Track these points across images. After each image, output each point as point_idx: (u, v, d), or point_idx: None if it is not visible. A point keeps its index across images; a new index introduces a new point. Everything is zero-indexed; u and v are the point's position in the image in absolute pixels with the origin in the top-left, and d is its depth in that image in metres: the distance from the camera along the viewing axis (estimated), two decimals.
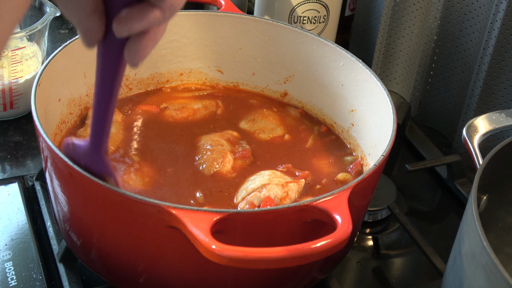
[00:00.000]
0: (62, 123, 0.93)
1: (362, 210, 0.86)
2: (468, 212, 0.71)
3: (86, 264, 0.85)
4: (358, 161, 0.95)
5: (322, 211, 0.72)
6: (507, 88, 1.09)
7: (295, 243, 0.68)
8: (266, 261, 0.67)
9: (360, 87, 0.97)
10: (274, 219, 0.73)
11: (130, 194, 0.71)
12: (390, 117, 0.87)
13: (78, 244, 0.83)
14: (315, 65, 1.02)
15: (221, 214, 0.69)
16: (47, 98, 0.88)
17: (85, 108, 0.97)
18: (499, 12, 1.04)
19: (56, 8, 1.13)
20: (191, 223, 0.68)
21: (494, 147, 0.78)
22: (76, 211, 0.80)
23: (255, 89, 1.08)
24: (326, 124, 1.03)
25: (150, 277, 0.79)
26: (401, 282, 0.98)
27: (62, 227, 0.86)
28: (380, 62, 1.32)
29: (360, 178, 0.77)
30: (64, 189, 0.79)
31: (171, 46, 1.05)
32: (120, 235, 0.77)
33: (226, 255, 0.66)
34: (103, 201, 0.75)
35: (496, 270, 0.64)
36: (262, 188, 0.86)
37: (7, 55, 1.09)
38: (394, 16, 1.25)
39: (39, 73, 0.85)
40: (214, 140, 0.95)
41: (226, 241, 0.67)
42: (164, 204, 0.70)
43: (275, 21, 1.03)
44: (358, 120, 0.98)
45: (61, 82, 0.91)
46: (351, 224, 0.70)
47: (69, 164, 0.73)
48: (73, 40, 0.92)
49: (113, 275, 0.82)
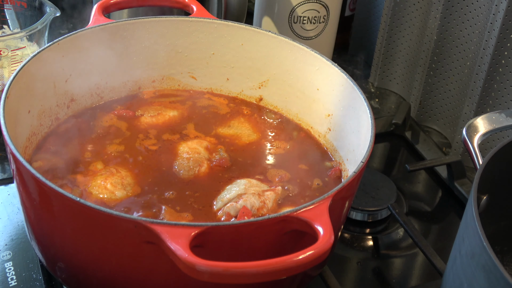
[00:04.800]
0: (33, 135, 0.91)
1: (342, 218, 0.85)
2: (468, 212, 0.71)
3: (61, 280, 0.83)
4: (337, 167, 0.94)
5: (303, 222, 0.71)
6: (507, 88, 1.09)
7: (276, 254, 0.66)
8: (247, 275, 0.65)
9: (337, 92, 0.95)
10: (254, 231, 0.71)
11: (105, 209, 0.69)
12: (368, 122, 0.86)
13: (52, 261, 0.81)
14: (290, 69, 1.01)
15: (199, 228, 0.68)
16: (16, 110, 0.85)
17: (55, 119, 0.95)
18: (499, 12, 1.04)
19: (56, 8, 1.12)
20: (169, 238, 0.67)
21: (494, 147, 0.78)
22: (48, 227, 0.78)
23: (230, 94, 1.07)
24: (302, 128, 1.02)
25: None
26: (401, 282, 0.97)
27: (34, 242, 0.83)
28: (380, 62, 1.32)
29: (340, 186, 0.75)
30: (36, 205, 0.77)
31: (142, 53, 1.03)
32: (96, 252, 0.75)
33: (206, 270, 0.64)
34: (76, 217, 0.73)
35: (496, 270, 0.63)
36: (238, 198, 0.85)
37: (7, 55, 1.08)
38: (394, 16, 1.25)
39: (7, 86, 0.83)
40: (191, 148, 0.94)
41: (206, 255, 0.65)
42: (141, 219, 0.68)
43: (248, 26, 1.02)
44: (335, 124, 0.97)
45: (31, 93, 0.89)
46: (333, 235, 0.69)
47: (40, 179, 0.71)
48: (41, 50, 0.89)
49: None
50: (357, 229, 1.05)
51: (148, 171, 0.90)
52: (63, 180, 0.86)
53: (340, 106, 0.95)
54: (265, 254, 0.67)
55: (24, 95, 0.87)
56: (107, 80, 1.02)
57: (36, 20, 1.11)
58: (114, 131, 0.97)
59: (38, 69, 0.89)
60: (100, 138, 0.95)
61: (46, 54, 0.90)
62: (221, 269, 0.64)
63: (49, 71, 0.91)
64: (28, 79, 0.88)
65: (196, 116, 1.03)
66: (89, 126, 0.97)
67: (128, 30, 1.00)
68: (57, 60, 0.93)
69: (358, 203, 1.04)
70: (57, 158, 0.90)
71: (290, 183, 0.91)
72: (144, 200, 0.85)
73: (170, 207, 0.85)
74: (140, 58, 1.03)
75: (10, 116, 0.81)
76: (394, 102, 1.32)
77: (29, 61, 0.87)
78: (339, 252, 1.01)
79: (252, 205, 0.84)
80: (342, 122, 0.95)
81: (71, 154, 0.91)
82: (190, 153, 0.93)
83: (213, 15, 1.08)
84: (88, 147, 0.93)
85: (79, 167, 0.89)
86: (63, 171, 0.88)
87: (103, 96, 1.02)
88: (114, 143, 0.95)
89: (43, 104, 0.93)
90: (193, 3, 1.06)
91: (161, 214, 0.83)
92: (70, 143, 0.93)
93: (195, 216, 0.84)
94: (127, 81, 1.04)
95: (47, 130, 0.94)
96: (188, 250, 0.65)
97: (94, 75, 1.00)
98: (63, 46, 0.93)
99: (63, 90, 0.96)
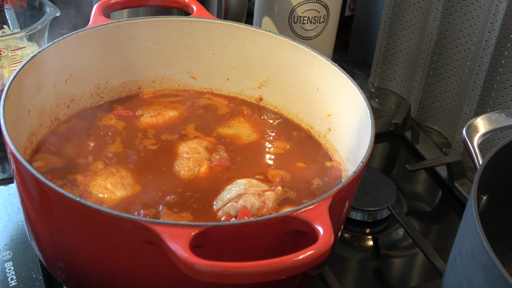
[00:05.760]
0: (33, 135, 0.91)
1: (342, 218, 0.85)
2: (468, 212, 0.71)
3: (61, 280, 0.82)
4: (337, 167, 0.94)
5: (303, 222, 0.70)
6: (507, 88, 1.09)
7: (276, 254, 0.66)
8: (247, 275, 0.65)
9: (337, 91, 0.95)
10: (254, 231, 0.71)
11: (105, 209, 0.69)
12: (368, 122, 0.86)
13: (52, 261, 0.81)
14: (290, 69, 1.01)
15: (199, 228, 0.68)
16: (16, 110, 0.85)
17: (55, 119, 0.95)
18: (499, 12, 1.04)
19: (56, 8, 1.12)
20: (169, 238, 0.66)
21: (494, 147, 0.78)
22: (48, 227, 0.78)
23: (230, 94, 1.07)
24: (302, 128, 1.02)
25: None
26: (401, 282, 0.97)
27: (34, 242, 0.83)
28: (380, 62, 1.32)
29: (340, 186, 0.75)
30: (36, 205, 0.76)
31: (142, 53, 1.03)
32: (96, 252, 0.75)
33: (206, 270, 0.64)
34: (76, 217, 0.73)
35: (496, 270, 0.63)
36: (238, 198, 0.84)
37: (7, 55, 1.08)
38: (394, 16, 1.25)
39: (7, 86, 0.83)
40: (191, 148, 0.94)
41: (206, 255, 0.65)
42: (141, 219, 0.68)
43: (248, 26, 1.02)
44: (335, 124, 0.97)
45: (31, 93, 0.89)
46: (333, 235, 0.68)
47: (40, 179, 0.71)
48: (41, 50, 0.89)
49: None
50: (357, 229, 1.05)
51: (148, 171, 0.90)
52: (63, 180, 0.86)
53: (340, 106, 0.95)
54: (265, 254, 0.67)
55: (24, 95, 0.87)
56: (107, 80, 1.01)
57: (36, 20, 1.11)
58: (114, 131, 0.97)
59: (38, 69, 0.89)
60: (100, 138, 0.95)
61: (46, 54, 0.90)
62: (221, 269, 0.64)
63: (49, 71, 0.91)
64: (28, 79, 0.87)
65: (196, 116, 1.03)
66: (89, 126, 0.97)
67: (128, 30, 1.00)
68: (57, 60, 0.92)
69: (358, 203, 1.04)
70: (57, 158, 0.90)
71: (290, 183, 0.91)
72: (144, 200, 0.85)
73: (170, 207, 0.85)
74: (140, 58, 1.03)
75: (10, 116, 0.81)
76: (394, 102, 1.32)
77: (29, 61, 0.87)
78: (339, 252, 1.01)
79: (252, 205, 0.84)
80: (342, 122, 0.95)
81: (71, 154, 0.91)
82: (190, 153, 0.93)
83: (213, 15, 1.08)
84: (88, 147, 0.93)
85: (79, 167, 0.89)
86: (63, 171, 0.88)
87: (103, 96, 1.02)
88: (114, 143, 0.95)
89: (43, 104, 0.93)
90: (193, 3, 1.06)
91: (161, 214, 0.83)
92: (70, 143, 0.93)
93: (195, 216, 0.84)
94: (127, 81, 1.04)
95: (47, 130, 0.94)
96: (188, 250, 0.65)
97: (94, 75, 1.00)
98: (63, 46, 0.93)
99: (63, 90, 0.96)
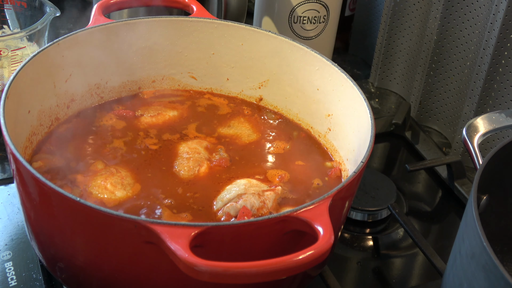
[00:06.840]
0: (33, 135, 0.91)
1: (342, 218, 0.85)
2: (468, 212, 0.71)
3: (61, 280, 0.82)
4: (337, 167, 0.94)
5: (303, 222, 0.70)
6: (507, 88, 1.09)
7: (276, 254, 0.66)
8: (247, 275, 0.65)
9: (336, 91, 0.95)
10: (254, 231, 0.71)
11: (105, 209, 0.69)
12: (368, 122, 0.86)
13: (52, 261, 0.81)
14: (290, 69, 1.01)
15: (199, 228, 0.68)
16: (16, 110, 0.85)
17: (55, 119, 0.95)
18: (499, 12, 1.04)
19: (56, 8, 1.12)
20: (169, 238, 0.66)
21: (494, 147, 0.78)
22: (48, 227, 0.78)
23: (230, 94, 1.07)
24: (302, 128, 1.02)
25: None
26: (401, 282, 0.97)
27: (34, 242, 0.83)
28: (380, 62, 1.32)
29: (340, 186, 0.75)
30: (36, 205, 0.76)
31: (142, 53, 1.03)
32: (96, 252, 0.75)
33: (206, 270, 0.64)
34: (76, 217, 0.73)
35: (496, 270, 0.63)
36: (238, 198, 0.84)
37: (7, 55, 1.08)
38: (394, 16, 1.25)
39: (7, 86, 0.83)
40: (191, 148, 0.94)
41: (206, 255, 0.65)
42: (140, 219, 0.68)
43: (248, 26, 1.02)
44: (335, 124, 0.97)
45: (31, 94, 0.89)
46: (333, 235, 0.68)
47: (40, 179, 0.71)
48: (41, 50, 0.89)
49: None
50: (357, 229, 1.05)
51: (148, 171, 0.90)
52: (63, 180, 0.86)
53: (340, 106, 0.95)
54: (265, 254, 0.67)
55: (24, 95, 0.87)
56: (107, 80, 1.01)
57: (36, 20, 1.11)
58: (114, 131, 0.97)
59: (38, 69, 0.89)
60: (100, 138, 0.95)
61: (46, 54, 0.90)
62: (221, 269, 0.64)
63: (49, 71, 0.91)
64: (28, 79, 0.87)
65: (196, 116, 1.03)
66: (89, 126, 0.97)
67: (128, 30, 1.00)
68: (57, 60, 0.92)
69: (358, 203, 1.04)
70: (57, 158, 0.90)
71: (290, 183, 0.91)
72: (144, 200, 0.85)
73: (170, 207, 0.85)
74: (140, 58, 1.03)
75: (10, 116, 0.81)
76: (394, 102, 1.32)
77: (29, 61, 0.87)
78: (339, 252, 1.01)
79: (252, 205, 0.84)
80: (342, 122, 0.95)
81: (71, 154, 0.91)
82: (190, 153, 0.93)
83: (213, 15, 1.08)
84: (88, 147, 0.93)
85: (79, 167, 0.89)
86: (63, 171, 0.88)
87: (103, 96, 1.02)
88: (114, 143, 0.94)
89: (43, 104, 0.93)
90: (193, 3, 1.06)
91: (161, 214, 0.83)
92: (70, 143, 0.93)
93: (195, 216, 0.84)
94: (127, 81, 1.04)
95: (47, 130, 0.94)
96: (188, 250, 0.65)
97: (94, 75, 1.00)
98: (63, 46, 0.93)
99: (63, 90, 0.96)
